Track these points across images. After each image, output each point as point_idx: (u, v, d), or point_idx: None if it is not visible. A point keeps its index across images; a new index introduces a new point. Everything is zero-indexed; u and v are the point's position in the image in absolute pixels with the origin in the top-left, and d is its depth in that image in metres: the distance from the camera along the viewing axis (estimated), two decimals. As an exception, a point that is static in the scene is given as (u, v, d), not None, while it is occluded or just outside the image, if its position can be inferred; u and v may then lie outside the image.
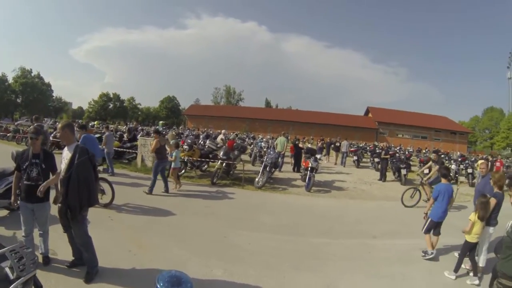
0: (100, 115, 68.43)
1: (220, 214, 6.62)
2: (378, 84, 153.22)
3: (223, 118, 51.92)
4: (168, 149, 8.46)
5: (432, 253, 5.12)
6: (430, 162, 9.54)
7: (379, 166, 14.61)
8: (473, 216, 4.45)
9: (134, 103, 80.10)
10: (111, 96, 73.79)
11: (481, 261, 4.51)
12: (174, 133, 11.85)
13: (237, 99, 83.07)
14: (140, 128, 28.78)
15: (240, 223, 6.09)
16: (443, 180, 5.43)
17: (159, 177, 7.72)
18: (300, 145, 14.55)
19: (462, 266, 4.50)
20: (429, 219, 5.20)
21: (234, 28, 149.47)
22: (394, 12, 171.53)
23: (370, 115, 57.28)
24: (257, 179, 9.60)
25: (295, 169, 13.27)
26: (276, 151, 12.94)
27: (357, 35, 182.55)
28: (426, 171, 9.45)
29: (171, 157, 8.26)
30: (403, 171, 12.64)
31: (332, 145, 19.73)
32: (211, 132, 31.07)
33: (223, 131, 18.31)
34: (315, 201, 8.75)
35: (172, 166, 8.28)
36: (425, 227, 5.22)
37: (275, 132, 40.72)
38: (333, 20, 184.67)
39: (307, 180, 9.83)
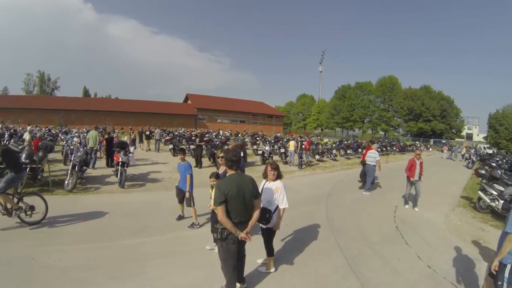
0: None
1: (24, 232, 5.76)
2: (202, 71, 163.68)
3: (36, 111, 41.53)
4: None
5: (198, 223, 6.30)
6: None
7: (195, 153, 14.99)
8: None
9: None
10: None
11: None
12: None
13: (52, 88, 72.06)
14: None
15: (46, 238, 5.49)
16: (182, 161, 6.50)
17: None
18: (115, 138, 14.47)
19: None
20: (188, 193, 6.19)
21: (57, 0, 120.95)
22: (222, 4, 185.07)
23: (189, 101, 59.24)
24: (66, 182, 9.09)
25: (109, 164, 13.07)
26: (88, 147, 12.66)
27: (185, 23, 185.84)
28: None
29: None
30: (218, 156, 14.55)
31: (144, 134, 20.74)
32: (20, 128, 24.90)
33: (28, 127, 15.64)
34: (128, 198, 8.71)
35: None
36: (191, 202, 6.22)
37: (92, 124, 37.03)
38: (163, 5, 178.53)
39: (119, 176, 9.90)
